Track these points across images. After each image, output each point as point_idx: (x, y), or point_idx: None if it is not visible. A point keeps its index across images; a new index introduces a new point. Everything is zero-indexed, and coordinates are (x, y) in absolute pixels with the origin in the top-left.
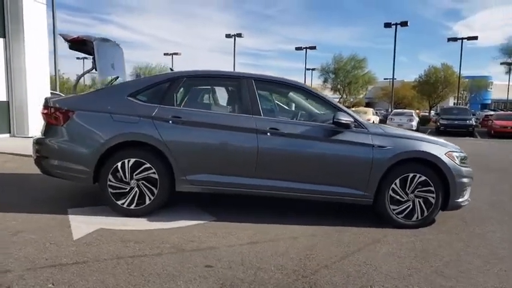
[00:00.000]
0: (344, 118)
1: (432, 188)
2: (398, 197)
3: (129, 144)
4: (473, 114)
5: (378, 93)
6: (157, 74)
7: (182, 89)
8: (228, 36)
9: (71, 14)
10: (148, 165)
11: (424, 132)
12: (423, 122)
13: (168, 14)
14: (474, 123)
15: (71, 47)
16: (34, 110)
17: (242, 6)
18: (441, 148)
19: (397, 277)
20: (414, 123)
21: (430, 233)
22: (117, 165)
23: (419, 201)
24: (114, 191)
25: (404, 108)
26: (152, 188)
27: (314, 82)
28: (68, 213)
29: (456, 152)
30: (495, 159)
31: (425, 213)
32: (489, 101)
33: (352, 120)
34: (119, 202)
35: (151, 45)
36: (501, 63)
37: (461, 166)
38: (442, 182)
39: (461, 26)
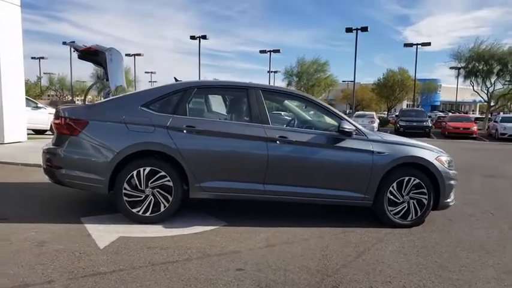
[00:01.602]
0: (347, 126)
1: (425, 190)
2: (395, 198)
3: (144, 153)
4: (429, 117)
5: (338, 95)
6: (168, 84)
7: (193, 99)
8: (192, 38)
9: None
10: (163, 173)
11: (384, 132)
12: (382, 124)
13: (126, 14)
14: (430, 125)
15: (80, 57)
16: (10, 116)
17: (201, 7)
18: (432, 153)
19: (409, 273)
20: (375, 125)
21: (424, 231)
22: (133, 174)
23: (413, 202)
24: (130, 199)
25: (363, 110)
26: (167, 195)
27: (277, 85)
28: (83, 222)
29: (444, 156)
30: (456, 160)
31: (419, 213)
32: (438, 103)
33: (354, 128)
34: (134, 210)
35: (110, 45)
36: (450, 68)
37: (449, 169)
38: (433, 184)
39: (410, 31)
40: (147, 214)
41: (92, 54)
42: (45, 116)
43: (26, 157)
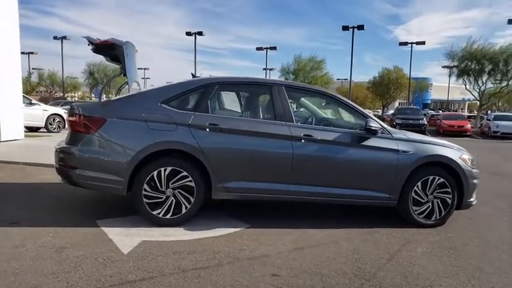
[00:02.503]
0: (374, 125)
1: (449, 189)
2: (419, 198)
3: (165, 152)
4: (424, 115)
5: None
6: (188, 81)
7: (215, 95)
8: (188, 34)
9: None
10: (185, 173)
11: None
12: None
13: (118, 9)
14: (425, 123)
15: (95, 51)
16: (7, 113)
17: (193, 4)
18: (455, 151)
19: (447, 275)
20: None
21: (449, 231)
22: (153, 174)
23: (437, 202)
24: (150, 201)
25: None
26: (189, 196)
27: None
28: (99, 225)
29: (466, 154)
30: None
31: (443, 213)
32: (429, 101)
33: (380, 126)
34: (155, 212)
35: None
36: (443, 67)
37: (472, 168)
38: (456, 184)
39: (401, 30)
40: (168, 216)
41: (108, 48)
42: (39, 113)
43: (25, 156)
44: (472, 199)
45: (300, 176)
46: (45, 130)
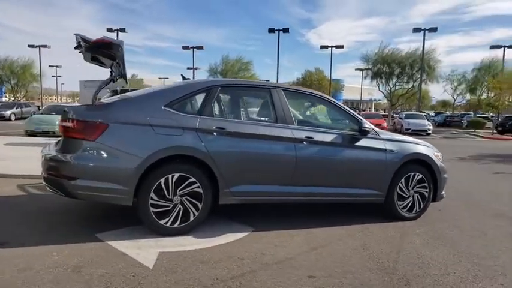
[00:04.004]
0: (367, 126)
1: (426, 184)
2: (403, 193)
3: (171, 158)
4: None
5: None
6: (189, 83)
7: (218, 98)
8: (110, 30)
9: None
10: (192, 179)
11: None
12: None
13: (22, 1)
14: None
15: (88, 50)
16: None
17: None
18: (430, 149)
19: (453, 263)
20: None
21: (431, 223)
22: (161, 182)
23: (417, 196)
24: (157, 210)
25: None
26: (197, 203)
27: None
28: (102, 239)
29: (438, 152)
30: None
31: (422, 206)
32: (342, 101)
33: (371, 127)
34: (162, 222)
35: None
36: (355, 69)
37: (442, 163)
38: (432, 178)
39: (312, 34)
40: (176, 225)
41: (104, 48)
42: None
43: None
44: (443, 192)
45: (301, 178)
46: None
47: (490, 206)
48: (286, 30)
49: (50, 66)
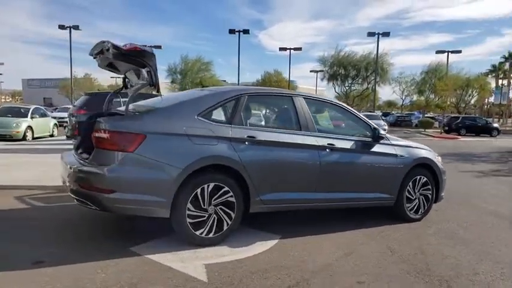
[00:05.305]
0: (382, 133)
1: (430, 187)
2: (410, 196)
3: (206, 168)
4: None
5: None
6: (217, 92)
7: (246, 107)
8: (62, 27)
9: None
10: (226, 188)
11: None
12: None
13: None
14: None
15: (117, 57)
16: None
17: None
18: (432, 153)
19: (476, 262)
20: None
21: (438, 222)
22: (197, 192)
23: (422, 198)
24: (193, 221)
25: None
26: (230, 212)
27: (160, 81)
28: (140, 253)
29: (438, 155)
30: None
31: (426, 207)
32: None
33: (385, 134)
34: (198, 232)
35: None
36: (310, 71)
37: (442, 166)
38: (434, 181)
39: (264, 35)
40: (211, 235)
41: (137, 56)
42: None
43: None
44: (443, 193)
45: (325, 184)
46: None
47: (478, 203)
48: (246, 31)
49: None
